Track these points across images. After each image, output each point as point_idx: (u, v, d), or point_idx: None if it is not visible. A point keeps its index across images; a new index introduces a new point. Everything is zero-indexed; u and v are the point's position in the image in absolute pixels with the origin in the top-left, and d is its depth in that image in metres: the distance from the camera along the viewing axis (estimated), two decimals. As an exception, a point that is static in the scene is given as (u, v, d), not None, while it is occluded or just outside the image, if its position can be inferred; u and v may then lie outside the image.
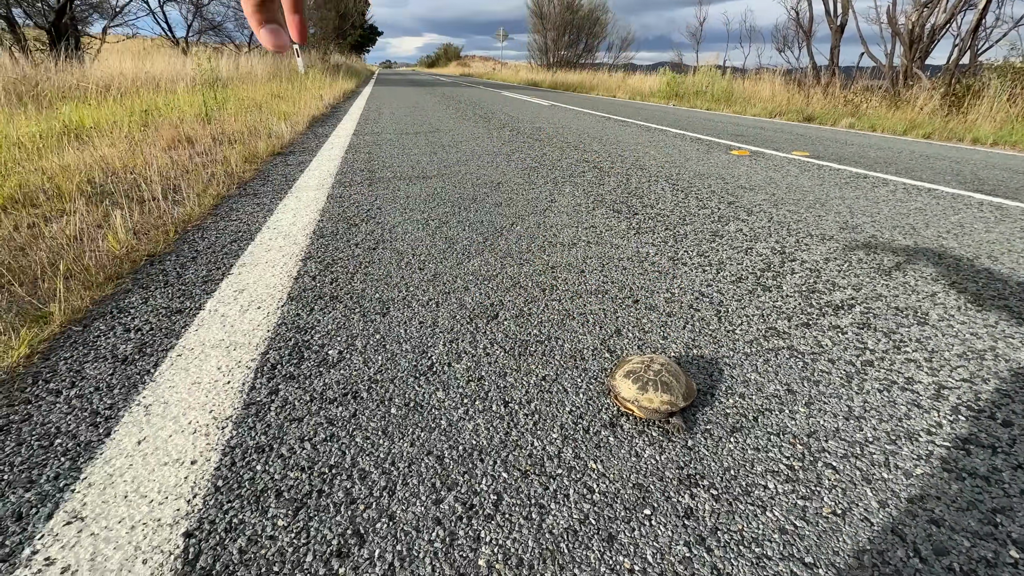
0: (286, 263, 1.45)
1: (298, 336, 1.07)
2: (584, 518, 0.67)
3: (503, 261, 1.52)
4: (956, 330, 1.20)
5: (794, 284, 1.43)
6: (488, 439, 0.80)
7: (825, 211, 2.21)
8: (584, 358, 1.04)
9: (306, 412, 0.84)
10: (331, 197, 2.16)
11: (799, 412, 0.89)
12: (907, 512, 0.69)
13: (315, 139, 3.71)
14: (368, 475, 0.72)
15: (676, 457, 0.78)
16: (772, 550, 0.63)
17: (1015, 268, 1.61)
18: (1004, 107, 6.24)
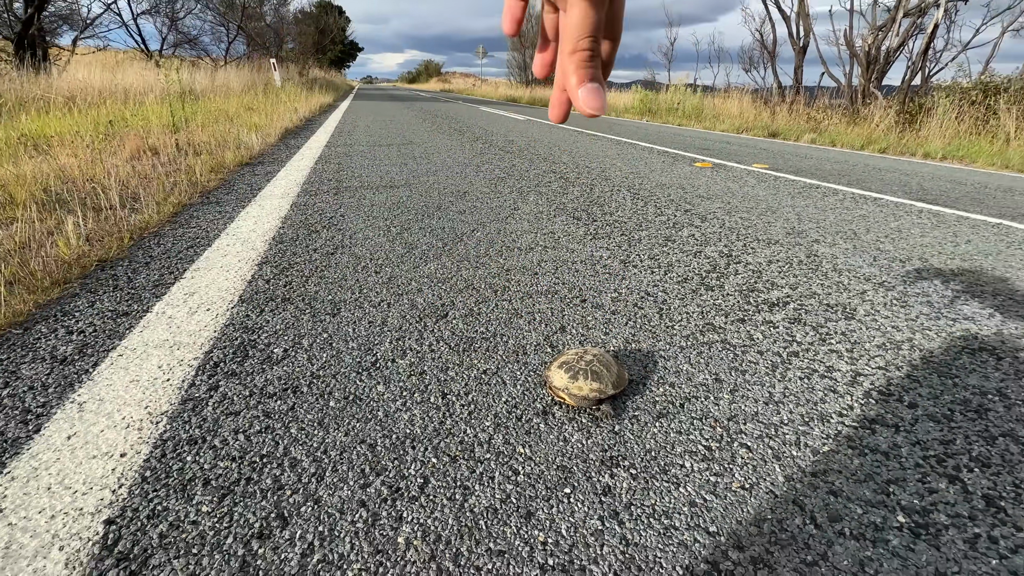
0: (241, 268, 1.46)
1: (245, 336, 1.08)
2: (506, 497, 0.70)
3: (459, 264, 1.56)
4: (879, 324, 1.27)
5: (736, 284, 1.50)
6: (422, 428, 0.83)
7: (775, 218, 2.32)
8: (526, 353, 1.07)
9: (244, 406, 0.86)
10: (295, 205, 2.17)
11: (723, 399, 0.94)
12: (809, 485, 0.74)
13: (286, 150, 3.72)
14: (299, 463, 0.74)
15: (602, 441, 0.82)
16: (680, 521, 0.67)
17: (941, 268, 1.72)
18: (952, 124, 6.62)
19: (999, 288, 1.56)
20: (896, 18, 8.64)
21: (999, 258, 1.87)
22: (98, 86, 5.47)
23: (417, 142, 4.49)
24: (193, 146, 3.31)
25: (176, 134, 3.58)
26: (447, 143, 4.51)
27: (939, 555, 0.64)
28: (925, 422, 0.90)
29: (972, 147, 5.65)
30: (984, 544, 0.66)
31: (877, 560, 0.63)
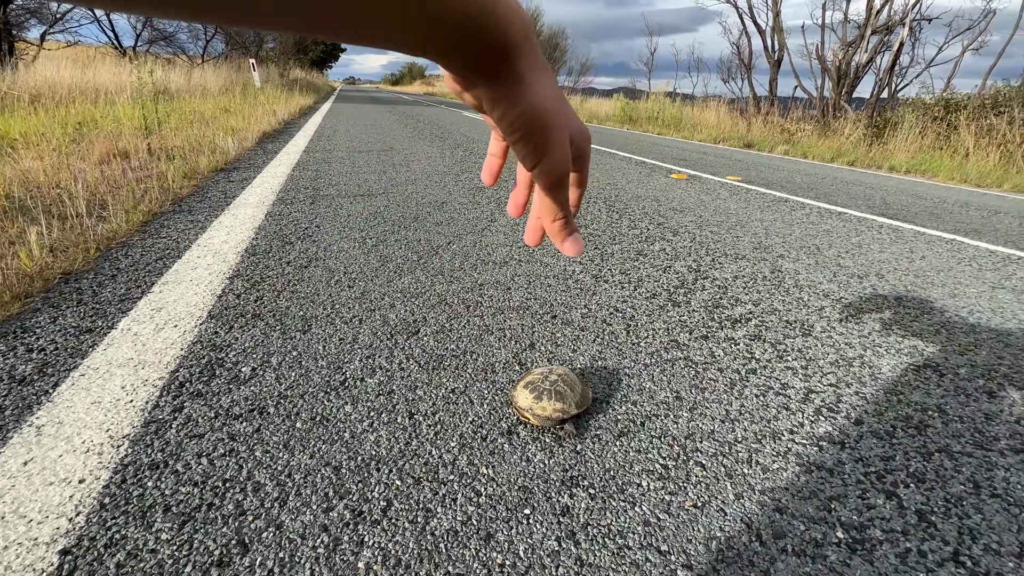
0: (212, 281, 1.44)
1: (212, 354, 1.08)
2: (467, 519, 0.72)
3: (433, 279, 1.57)
4: (834, 340, 1.34)
5: (702, 300, 1.55)
6: (388, 449, 0.84)
7: (743, 232, 2.39)
8: (495, 371, 1.10)
9: (208, 428, 0.86)
10: (270, 215, 2.15)
11: (682, 416, 0.98)
12: (757, 503, 0.78)
13: (263, 155, 3.67)
14: (262, 487, 0.74)
15: (563, 461, 0.84)
16: (633, 541, 0.70)
17: (895, 284, 1.81)
18: (917, 139, 6.91)
19: (947, 305, 1.64)
20: (865, 34, 8.99)
21: (950, 274, 1.97)
22: (67, 84, 5.31)
23: (398, 148, 4.48)
24: (166, 150, 3.25)
25: (148, 137, 3.51)
26: (428, 150, 4.52)
27: (872, 569, 0.68)
28: (869, 439, 0.95)
29: (934, 161, 5.90)
30: (914, 558, 0.70)
31: (815, 575, 0.67)
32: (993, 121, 6.40)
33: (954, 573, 0.68)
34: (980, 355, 1.30)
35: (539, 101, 0.20)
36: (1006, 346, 1.37)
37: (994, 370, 1.23)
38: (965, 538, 0.74)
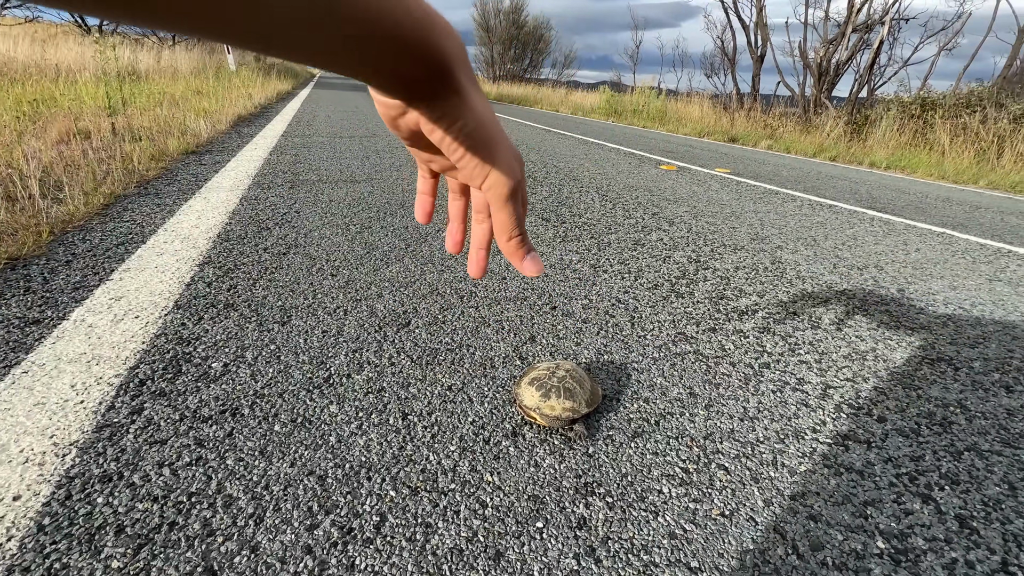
0: (179, 269, 1.32)
1: (178, 348, 0.97)
2: (472, 535, 0.63)
3: (423, 267, 1.47)
4: (844, 333, 1.29)
5: (705, 291, 1.49)
6: (380, 455, 0.75)
7: (739, 223, 2.35)
8: (494, 366, 1.01)
9: (172, 433, 0.75)
10: (245, 199, 2.01)
11: (699, 415, 0.91)
12: (789, 509, 0.72)
13: (238, 139, 3.48)
14: (235, 502, 0.64)
15: (575, 465, 0.76)
16: (660, 556, 0.63)
17: (896, 276, 1.78)
18: (895, 136, 7.03)
19: (949, 297, 1.62)
20: (846, 32, 9.10)
21: (946, 267, 1.95)
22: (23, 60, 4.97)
23: (381, 134, 4.32)
24: (132, 131, 3.04)
25: (112, 117, 3.29)
26: (412, 137, 4.37)
27: (920, 584, 0.62)
28: (895, 437, 0.89)
29: (912, 158, 6.01)
30: (962, 569, 0.64)
31: (861, 592, 0.60)
32: (967, 120, 6.55)
33: (1006, 585, 0.63)
34: (991, 348, 1.27)
35: (480, 115, 0.20)
36: (1013, 339, 1.34)
37: (1007, 364, 1.20)
38: (1011, 545, 0.69)
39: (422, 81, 0.19)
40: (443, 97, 0.20)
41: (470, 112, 0.20)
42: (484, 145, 0.21)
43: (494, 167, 0.22)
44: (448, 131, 0.20)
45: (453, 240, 0.28)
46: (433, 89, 0.19)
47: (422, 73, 0.18)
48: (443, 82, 0.19)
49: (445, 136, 0.21)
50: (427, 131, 0.21)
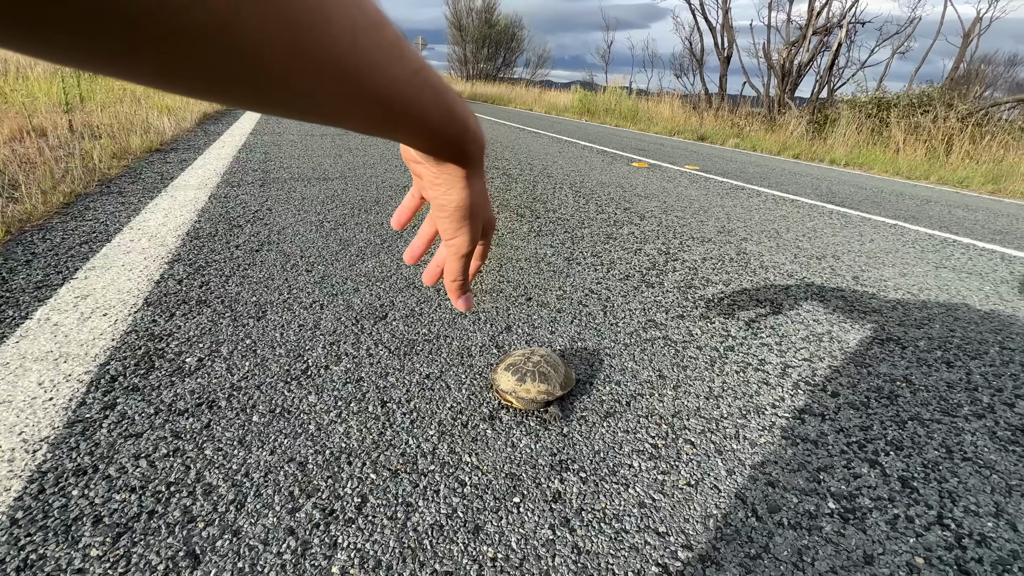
0: (148, 266, 1.29)
1: (150, 344, 0.95)
2: (452, 512, 0.66)
3: (399, 262, 1.48)
4: (802, 317, 1.36)
5: (674, 281, 1.55)
6: (360, 441, 0.76)
7: (707, 217, 2.43)
8: (471, 355, 1.03)
9: (147, 427, 0.75)
10: (214, 197, 1.98)
11: (667, 395, 0.96)
12: (749, 477, 0.76)
13: (204, 137, 3.40)
14: (214, 490, 0.65)
15: (550, 445, 0.80)
16: (630, 524, 0.66)
17: (851, 265, 1.88)
18: (853, 134, 7.35)
19: (899, 283, 1.72)
20: (806, 35, 9.46)
21: (897, 255, 2.07)
22: (-32, 55, 4.71)
23: (353, 133, 4.28)
24: (91, 128, 2.93)
25: (69, 114, 3.16)
26: (385, 135, 4.34)
27: (866, 537, 0.68)
28: (847, 410, 0.96)
29: (869, 155, 6.30)
30: (903, 524, 0.70)
31: (813, 548, 0.65)
32: (919, 119, 6.91)
33: (941, 536, 0.69)
34: (935, 328, 1.37)
35: (472, 197, 0.26)
36: (955, 320, 1.44)
37: (948, 342, 1.29)
38: (946, 501, 0.75)
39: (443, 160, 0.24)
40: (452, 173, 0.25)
41: (465, 191, 0.26)
42: (462, 217, 0.27)
43: (462, 234, 0.27)
44: (443, 195, 0.26)
45: (412, 255, 0.33)
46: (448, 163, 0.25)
47: (446, 156, 0.24)
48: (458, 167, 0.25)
49: (439, 198, 0.26)
50: (428, 182, 0.26)
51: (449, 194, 0.26)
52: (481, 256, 0.33)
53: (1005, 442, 0.91)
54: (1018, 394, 1.08)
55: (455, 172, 0.25)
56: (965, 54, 9.67)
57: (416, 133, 0.21)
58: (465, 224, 0.27)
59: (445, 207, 0.26)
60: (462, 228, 0.27)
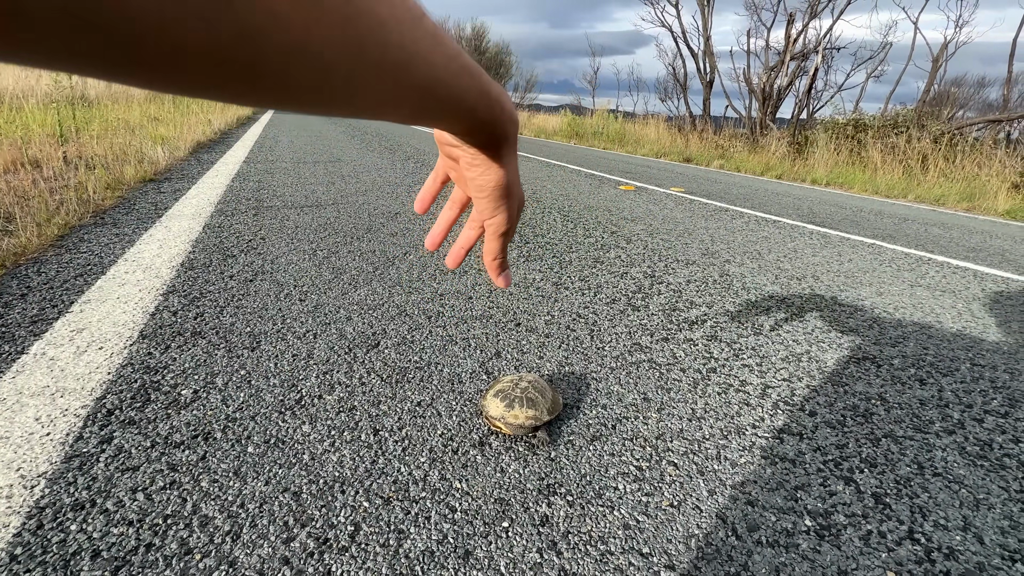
0: (143, 298, 1.31)
1: (146, 377, 0.97)
2: (443, 538, 0.68)
3: (391, 290, 1.52)
4: (782, 338, 1.41)
5: (659, 304, 1.59)
6: (352, 469, 0.78)
7: (691, 239, 2.50)
8: (462, 381, 1.06)
9: (144, 460, 0.76)
10: (208, 227, 2.01)
11: (651, 417, 0.99)
12: (730, 497, 0.79)
13: (198, 166, 3.44)
14: (210, 521, 0.67)
15: (539, 469, 0.82)
16: (615, 545, 0.69)
17: (830, 285, 1.94)
18: (832, 155, 7.58)
19: (875, 303, 1.79)
20: (784, 60, 9.82)
21: (874, 274, 2.15)
22: (-38, 87, 4.76)
23: (346, 160, 4.35)
24: (85, 159, 2.97)
25: (64, 145, 3.20)
26: (378, 161, 4.42)
27: (840, 553, 0.71)
28: (823, 428, 1.00)
29: (849, 175, 6.50)
30: (875, 539, 0.74)
31: (790, 565, 0.68)
32: (895, 140, 7.16)
33: (911, 550, 0.72)
34: (909, 347, 1.42)
35: (508, 176, 0.27)
36: (929, 337, 1.50)
37: (922, 359, 1.34)
38: (917, 516, 0.79)
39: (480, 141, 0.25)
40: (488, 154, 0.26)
41: (502, 171, 0.27)
42: (501, 196, 0.28)
43: (501, 212, 0.28)
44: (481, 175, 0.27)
45: (433, 241, 0.34)
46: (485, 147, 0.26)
47: (483, 140, 0.25)
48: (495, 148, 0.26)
49: (477, 178, 0.27)
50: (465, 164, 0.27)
51: (487, 174, 0.26)
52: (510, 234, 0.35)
53: (974, 457, 0.95)
54: (987, 410, 1.12)
55: (492, 153, 0.26)
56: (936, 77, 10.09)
57: (455, 117, 0.22)
58: (503, 203, 0.28)
59: (483, 187, 0.27)
60: (500, 207, 0.28)
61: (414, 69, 0.18)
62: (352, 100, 0.17)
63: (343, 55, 0.15)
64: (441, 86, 0.19)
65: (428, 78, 0.18)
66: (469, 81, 0.21)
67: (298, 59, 0.14)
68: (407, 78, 0.17)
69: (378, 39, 0.15)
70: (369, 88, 0.17)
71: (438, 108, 0.20)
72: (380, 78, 0.16)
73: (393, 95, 0.18)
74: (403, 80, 0.17)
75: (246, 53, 0.12)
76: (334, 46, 0.14)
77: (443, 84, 0.19)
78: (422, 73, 0.18)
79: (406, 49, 0.17)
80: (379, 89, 0.17)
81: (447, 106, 0.21)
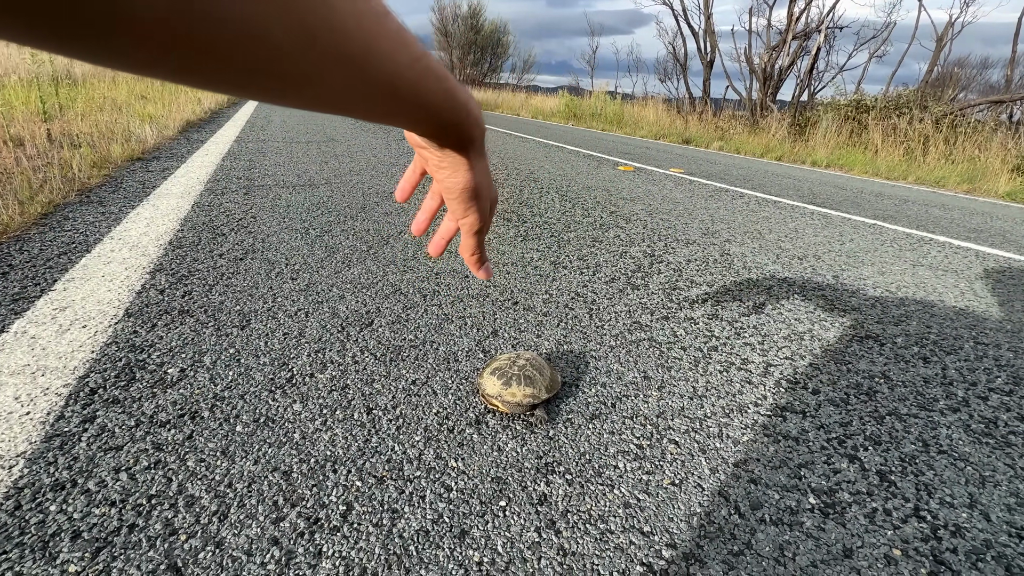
0: (128, 276, 1.28)
1: (131, 356, 0.94)
2: (438, 517, 0.66)
3: (386, 269, 1.48)
4: (784, 317, 1.39)
5: (659, 283, 1.56)
6: (345, 448, 0.76)
7: (691, 219, 2.47)
8: (458, 360, 1.03)
9: (128, 439, 0.74)
10: (197, 206, 1.96)
11: (652, 396, 0.97)
12: (732, 475, 0.78)
13: (187, 145, 3.36)
14: (197, 501, 0.64)
15: (537, 448, 0.80)
16: (615, 524, 0.67)
17: (832, 264, 1.92)
18: (833, 136, 7.50)
19: (878, 282, 1.76)
20: (786, 40, 9.64)
21: (876, 255, 2.12)
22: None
23: (339, 139, 4.26)
24: (70, 137, 2.89)
25: (47, 123, 3.11)
26: (372, 141, 4.33)
27: (845, 532, 0.69)
28: (827, 406, 0.98)
29: (849, 157, 6.43)
30: (881, 517, 0.72)
31: (794, 543, 0.66)
32: (896, 121, 7.07)
33: (917, 528, 0.71)
34: (912, 325, 1.40)
35: (476, 178, 0.28)
36: (932, 316, 1.48)
37: (925, 338, 1.32)
38: (923, 494, 0.77)
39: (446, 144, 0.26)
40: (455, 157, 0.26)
41: (469, 173, 0.27)
42: (469, 198, 0.28)
43: (472, 213, 0.29)
44: (449, 178, 0.27)
45: (418, 227, 0.35)
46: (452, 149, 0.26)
47: (449, 143, 0.25)
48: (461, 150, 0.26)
49: (446, 180, 0.28)
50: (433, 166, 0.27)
51: (455, 177, 0.27)
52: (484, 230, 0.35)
53: (979, 435, 0.93)
54: (991, 388, 1.11)
55: (458, 156, 0.26)
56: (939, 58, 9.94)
57: (420, 119, 0.22)
58: (472, 204, 0.29)
59: (452, 189, 0.28)
60: (471, 207, 0.29)
61: (375, 63, 0.18)
62: (308, 88, 0.17)
63: (292, 37, 0.14)
64: (404, 85, 0.19)
65: (390, 75, 0.18)
66: (435, 83, 0.21)
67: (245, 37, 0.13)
68: (366, 73, 0.17)
69: (330, 25, 0.15)
70: (325, 77, 0.16)
71: (401, 108, 0.21)
72: (336, 68, 0.16)
73: (353, 89, 0.18)
74: (362, 74, 0.17)
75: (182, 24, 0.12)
76: (281, 26, 0.14)
77: (406, 84, 0.19)
78: (383, 69, 0.18)
79: (364, 42, 0.17)
80: (337, 80, 0.17)
81: (411, 106, 0.21)
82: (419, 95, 0.20)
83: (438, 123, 0.23)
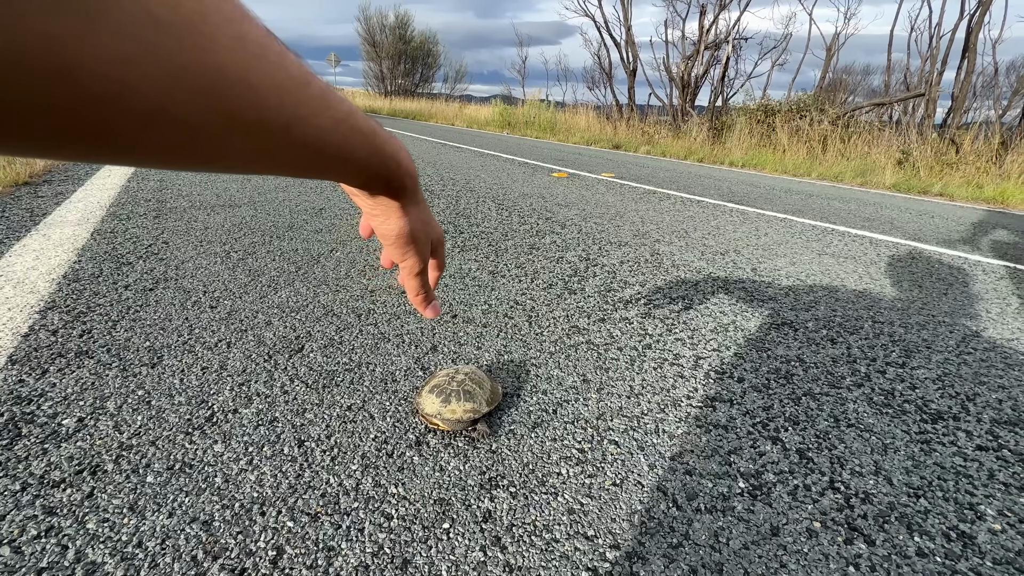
0: (12, 318, 1.13)
1: (15, 409, 0.83)
2: (378, 550, 0.63)
3: (316, 290, 1.41)
4: (710, 310, 1.47)
5: (595, 286, 1.61)
6: (274, 488, 0.71)
7: (623, 222, 2.57)
8: (396, 380, 1.00)
9: (12, 507, 0.65)
10: (98, 233, 1.78)
11: (591, 398, 0.99)
12: (669, 469, 0.81)
13: (86, 166, 3.05)
14: (99, 568, 0.57)
15: (480, 463, 0.79)
16: (560, 532, 0.67)
17: (750, 257, 2.07)
18: (747, 139, 8.12)
19: (790, 271, 1.92)
20: (699, 50, 10.35)
21: (787, 246, 2.31)
22: None
23: (263, 155, 4.04)
24: (-64, 162, 2.53)
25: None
26: (299, 156, 4.14)
27: (772, 511, 0.74)
28: (751, 393, 1.05)
29: (761, 157, 6.99)
30: (802, 493, 0.78)
31: (727, 528, 0.70)
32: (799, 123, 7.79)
33: (833, 499, 0.77)
34: (820, 310, 1.53)
35: (411, 224, 0.29)
36: (836, 300, 1.63)
37: (831, 321, 1.45)
38: (836, 466, 0.84)
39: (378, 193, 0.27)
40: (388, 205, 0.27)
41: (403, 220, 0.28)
42: (405, 243, 0.29)
43: (410, 257, 0.30)
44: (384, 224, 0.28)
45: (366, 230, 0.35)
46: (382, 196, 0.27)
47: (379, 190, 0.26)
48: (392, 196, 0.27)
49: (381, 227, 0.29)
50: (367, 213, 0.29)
51: (388, 224, 0.28)
52: (438, 268, 0.36)
53: (880, 406, 1.03)
54: (888, 362, 1.23)
55: (390, 203, 0.27)
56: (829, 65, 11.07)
57: (347, 172, 0.23)
58: (410, 248, 0.30)
59: (387, 235, 0.29)
60: (408, 252, 0.30)
61: (296, 130, 0.18)
62: (228, 160, 0.17)
63: (211, 119, 0.14)
64: (329, 145, 0.20)
65: (314, 138, 0.19)
66: (361, 140, 0.22)
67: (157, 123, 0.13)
68: (288, 138, 0.18)
69: (251, 103, 0.15)
70: (248, 149, 0.17)
71: (328, 165, 0.21)
72: (258, 141, 0.17)
73: (276, 155, 0.18)
74: (283, 140, 0.18)
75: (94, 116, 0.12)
76: (199, 111, 0.14)
77: (331, 145, 0.20)
78: (306, 133, 0.18)
79: (286, 112, 0.17)
80: (260, 149, 0.17)
81: (337, 163, 0.21)
82: (344, 153, 0.21)
83: (367, 176, 0.24)
